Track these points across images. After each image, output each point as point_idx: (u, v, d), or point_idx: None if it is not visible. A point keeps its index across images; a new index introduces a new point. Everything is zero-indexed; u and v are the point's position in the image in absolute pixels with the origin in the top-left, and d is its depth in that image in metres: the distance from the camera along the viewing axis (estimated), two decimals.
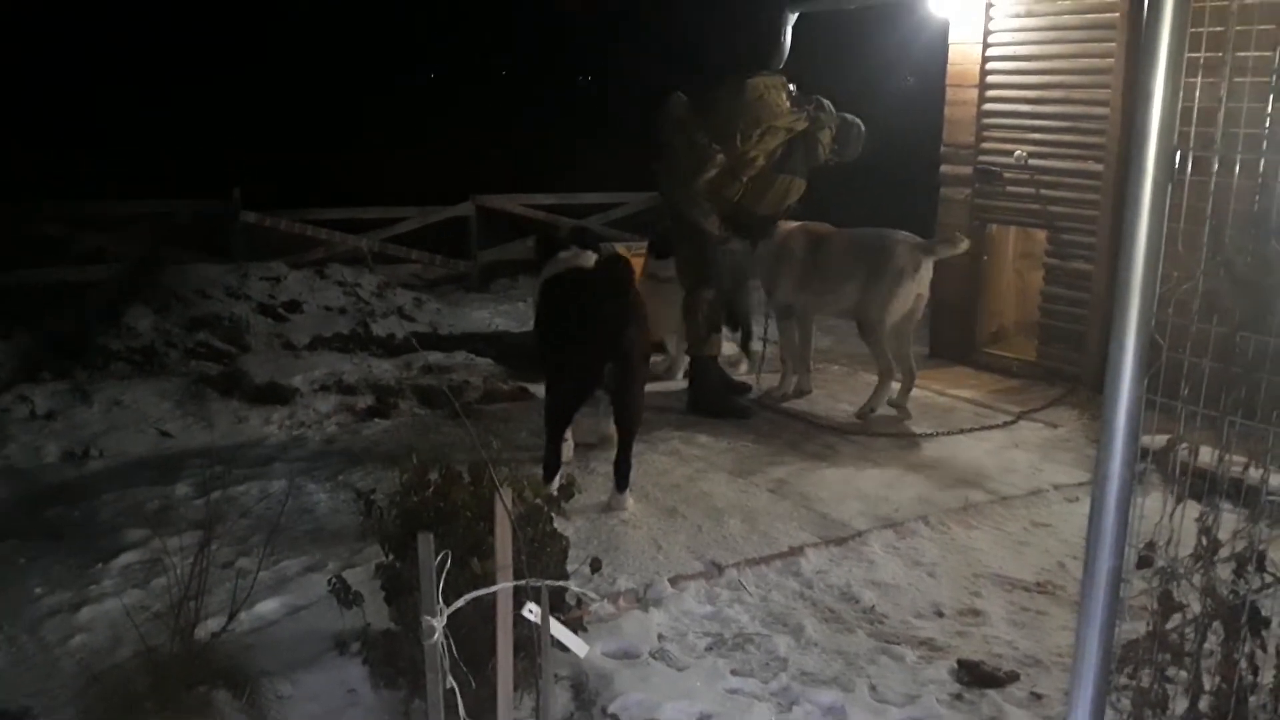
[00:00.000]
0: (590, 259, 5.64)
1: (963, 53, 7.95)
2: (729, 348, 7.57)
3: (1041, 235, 7.69)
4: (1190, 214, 2.24)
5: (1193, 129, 2.26)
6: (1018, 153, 7.61)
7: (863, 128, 6.73)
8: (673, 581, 4.32)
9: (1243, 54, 2.27)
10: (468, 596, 2.23)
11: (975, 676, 3.70)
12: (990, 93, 7.82)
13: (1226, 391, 2.29)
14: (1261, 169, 2.28)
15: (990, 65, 7.79)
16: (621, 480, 5.17)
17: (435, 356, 7.79)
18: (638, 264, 7.62)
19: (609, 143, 16.20)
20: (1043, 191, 7.49)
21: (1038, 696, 3.60)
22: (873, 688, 3.63)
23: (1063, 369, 7.40)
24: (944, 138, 8.18)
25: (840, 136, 6.63)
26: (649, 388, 7.03)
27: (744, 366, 7.68)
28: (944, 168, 8.20)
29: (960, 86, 7.99)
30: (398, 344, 7.95)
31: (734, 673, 3.71)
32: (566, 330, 5.27)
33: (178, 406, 6.53)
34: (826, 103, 6.65)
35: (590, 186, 12.25)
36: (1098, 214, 7.15)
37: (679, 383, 7.16)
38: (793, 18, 8.06)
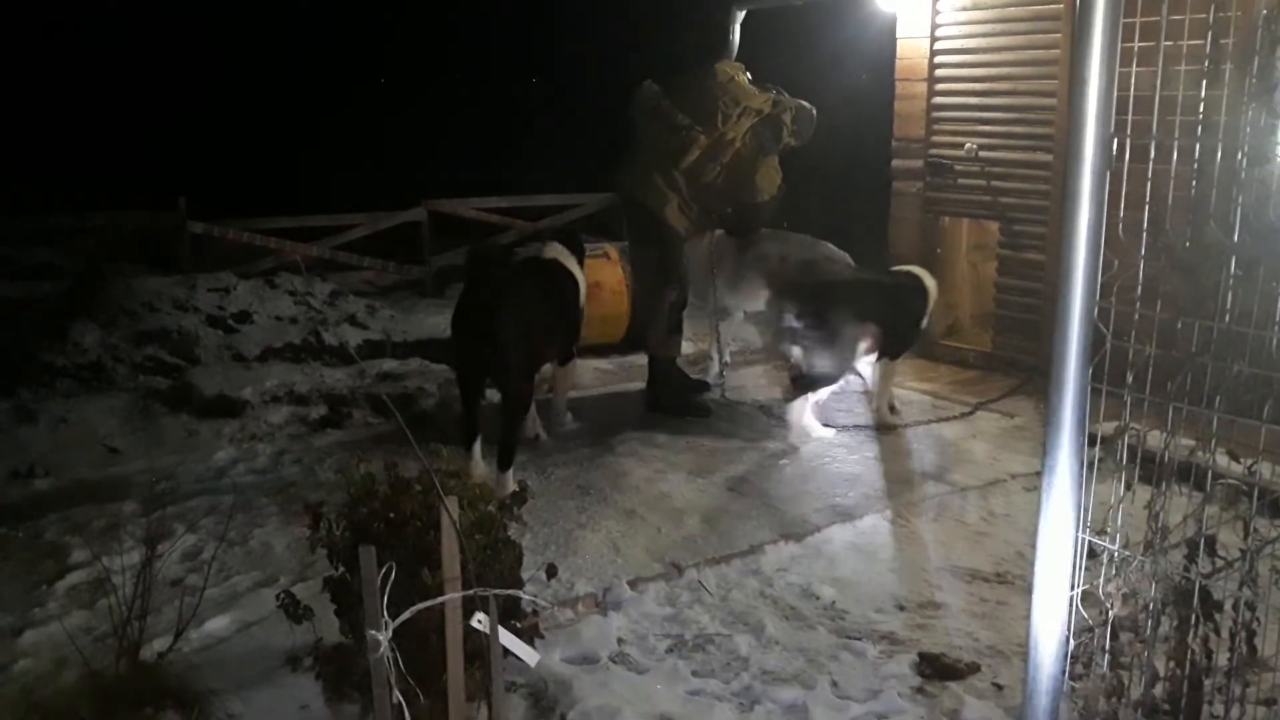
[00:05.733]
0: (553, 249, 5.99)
1: (911, 47, 7.97)
2: (689, 347, 7.52)
3: (994, 226, 7.73)
4: (1130, 201, 2.24)
5: (1130, 117, 2.26)
6: (968, 145, 7.65)
7: (814, 111, 6.75)
8: (632, 584, 4.29)
9: (1177, 42, 2.27)
10: (414, 609, 2.19)
11: (936, 669, 3.70)
12: (939, 86, 7.86)
13: (1171, 377, 2.29)
14: (1198, 155, 2.29)
15: (939, 59, 7.82)
16: (502, 461, 5.19)
17: (389, 364, 7.70)
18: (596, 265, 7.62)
19: (561, 144, 16.14)
20: (994, 183, 7.53)
21: (999, 687, 3.60)
22: (834, 684, 3.62)
23: (1018, 359, 7.44)
24: (894, 132, 8.20)
25: (797, 118, 6.64)
26: (610, 387, 7.07)
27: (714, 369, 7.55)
28: (895, 162, 8.23)
29: (909, 80, 8.02)
30: (350, 353, 7.85)
31: (695, 674, 3.68)
32: (455, 319, 5.46)
33: (125, 423, 6.40)
34: (781, 89, 6.68)
35: (544, 189, 12.18)
36: (1048, 204, 7.20)
37: (636, 382, 7.11)
38: (740, 14, 8.07)
